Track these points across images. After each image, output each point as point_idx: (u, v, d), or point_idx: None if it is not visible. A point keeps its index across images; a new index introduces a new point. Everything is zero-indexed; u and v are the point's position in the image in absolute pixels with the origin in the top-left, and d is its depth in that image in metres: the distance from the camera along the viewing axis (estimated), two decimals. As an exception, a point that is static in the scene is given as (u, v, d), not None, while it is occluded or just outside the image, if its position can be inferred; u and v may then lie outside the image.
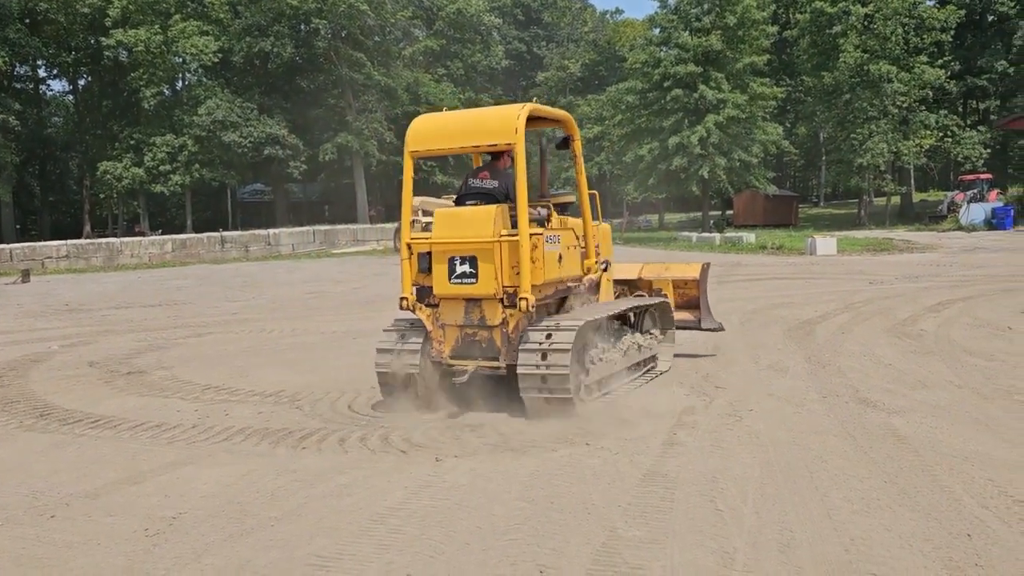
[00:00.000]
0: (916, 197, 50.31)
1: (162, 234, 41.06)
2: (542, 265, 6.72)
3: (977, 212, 36.20)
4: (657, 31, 45.52)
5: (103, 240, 34.96)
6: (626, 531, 4.23)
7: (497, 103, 62.14)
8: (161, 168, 44.27)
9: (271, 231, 37.03)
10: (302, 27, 47.94)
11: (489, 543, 4.13)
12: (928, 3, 45.39)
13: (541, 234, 6.81)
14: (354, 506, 4.75)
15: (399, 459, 5.65)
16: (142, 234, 43.79)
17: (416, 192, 7.91)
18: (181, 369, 9.73)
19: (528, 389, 6.43)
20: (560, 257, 7.20)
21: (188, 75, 49.84)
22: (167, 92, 48.93)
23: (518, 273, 6.52)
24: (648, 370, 8.29)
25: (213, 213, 55.57)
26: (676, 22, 42.72)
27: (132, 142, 45.49)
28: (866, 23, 42.16)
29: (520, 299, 6.47)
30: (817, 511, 4.43)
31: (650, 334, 8.44)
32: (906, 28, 41.65)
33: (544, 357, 6.34)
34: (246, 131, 44.11)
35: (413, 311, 7.02)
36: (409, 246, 7.17)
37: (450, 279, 6.77)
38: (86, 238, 41.33)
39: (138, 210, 50.74)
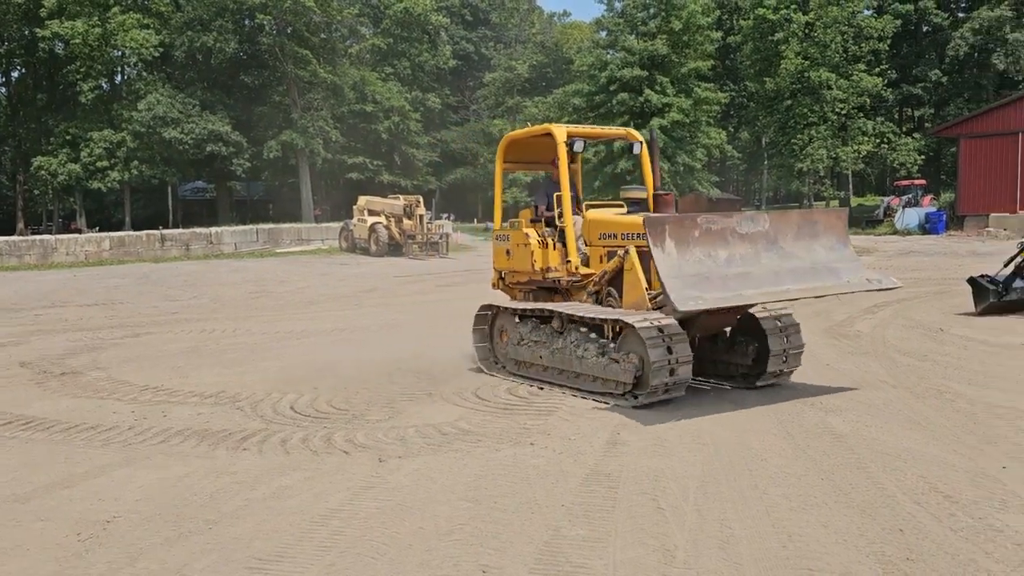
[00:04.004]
0: (854, 202, 51.60)
1: (99, 231, 39.97)
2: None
3: (911, 217, 37.29)
4: (603, 34, 45.97)
5: (37, 237, 33.89)
6: (569, 530, 4.24)
7: (444, 104, 62.17)
8: (99, 164, 43.08)
9: (213, 229, 36.32)
10: (246, 22, 47.16)
11: (432, 544, 4.11)
12: (866, 13, 46.61)
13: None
14: (295, 508, 4.68)
15: (342, 460, 5.59)
16: (78, 231, 42.57)
17: (363, 192, 8.09)
18: (117, 370, 9.48)
19: None
20: (508, 252, 8.73)
21: (127, 69, 48.66)
22: (105, 86, 47.67)
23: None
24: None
25: (153, 211, 54.28)
26: (622, 26, 43.19)
27: (68, 137, 44.16)
28: (807, 31, 43.15)
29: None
30: (756, 508, 4.50)
31: None
32: (845, 36, 42.73)
33: None
34: (188, 127, 43.17)
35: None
36: None
37: None
38: (19, 235, 40.03)
39: (74, 207, 49.36)
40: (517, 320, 8.38)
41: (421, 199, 32.89)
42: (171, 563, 4.00)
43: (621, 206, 8.61)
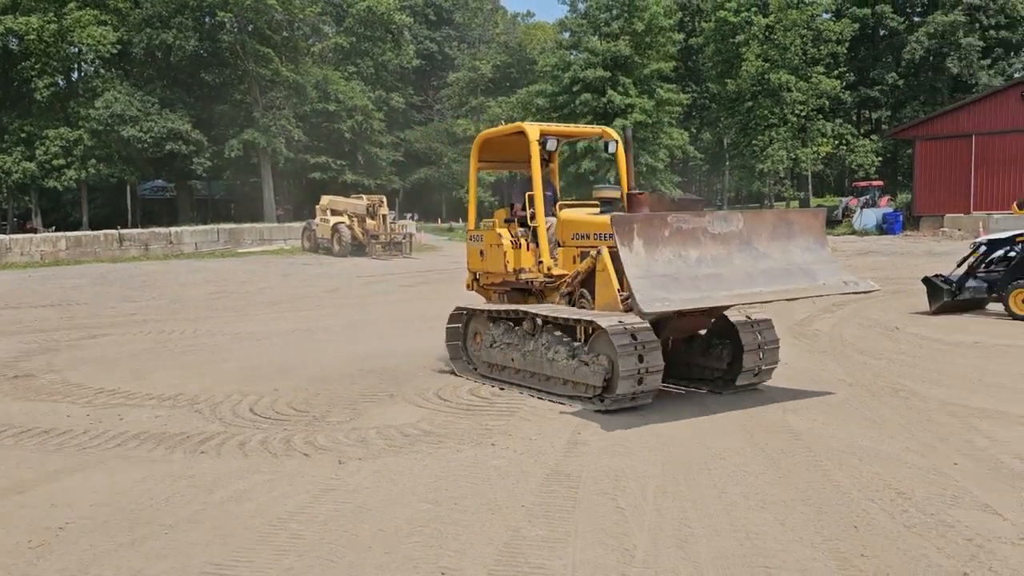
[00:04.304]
0: (813, 202, 52.34)
1: (56, 231, 39.16)
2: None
3: (869, 217, 37.95)
4: (567, 35, 46.12)
5: (-10, 237, 33.11)
6: (529, 531, 4.25)
7: (408, 103, 61.92)
8: (55, 162, 42.19)
9: (173, 229, 35.79)
10: (206, 20, 46.48)
11: (391, 546, 4.09)
12: (825, 16, 47.34)
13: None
14: (253, 511, 4.63)
15: (301, 462, 5.54)
16: (34, 231, 41.66)
17: (326, 191, 7.98)
18: (73, 372, 9.30)
19: None
20: (481, 253, 8.68)
21: (84, 66, 47.69)
22: (61, 83, 46.65)
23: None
24: None
25: (112, 210, 53.27)
26: (585, 27, 43.37)
27: (23, 135, 43.15)
28: (767, 34, 43.69)
29: None
30: (715, 507, 4.55)
31: None
32: (804, 39, 43.35)
33: None
34: (146, 126, 42.45)
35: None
36: None
37: None
38: (-29, 235, 39.07)
39: (30, 206, 48.29)
40: (490, 322, 8.25)
41: (384, 199, 32.74)
42: (125, 569, 3.93)
43: (595, 205, 8.52)
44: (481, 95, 58.68)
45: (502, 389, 7.69)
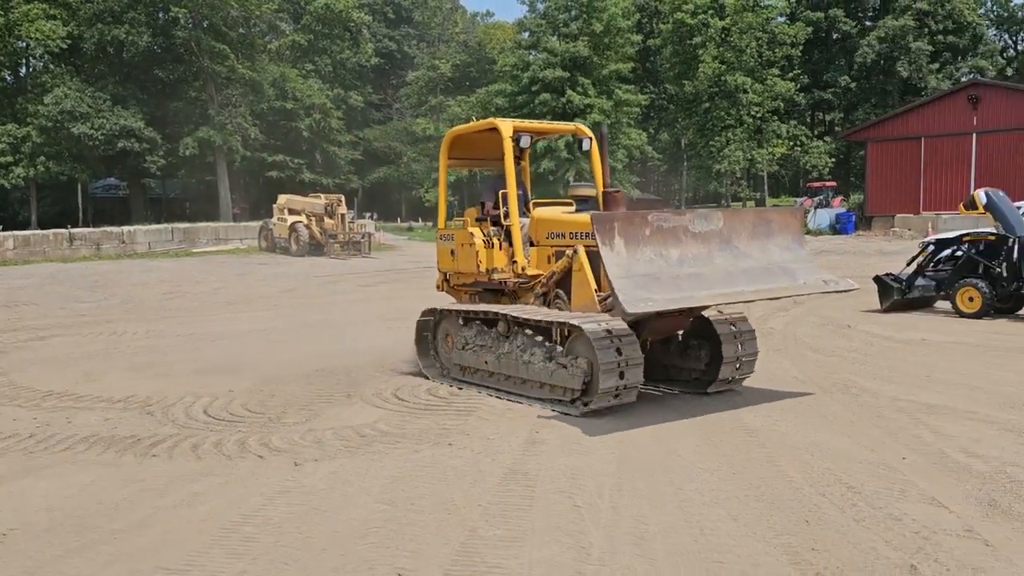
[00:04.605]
0: (769, 203, 53.15)
1: (3, 230, 38.17)
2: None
3: (823, 217, 38.64)
4: (526, 35, 46.22)
5: (-67, 236, 32.17)
6: (486, 530, 4.24)
7: (367, 102, 61.53)
8: (2, 160, 41.13)
9: (126, 228, 35.10)
10: (160, 15, 45.72)
11: (347, 548, 4.06)
12: (780, 20, 48.09)
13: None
14: (206, 515, 4.55)
15: (256, 464, 5.47)
16: (-21, 230, 40.59)
17: (283, 191, 7.77)
18: (19, 374, 9.06)
19: None
20: (452, 253, 8.50)
21: (33, 61, 46.59)
22: (9, 79, 45.56)
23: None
24: None
25: (62, 209, 52.05)
26: (544, 27, 43.53)
27: (-32, 131, 42.07)
28: (724, 36, 44.25)
29: None
30: (671, 504, 4.59)
31: None
32: (760, 42, 44.01)
33: None
34: (98, 123, 41.58)
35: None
36: None
37: None
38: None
39: (-25, 204, 47.04)
40: (461, 323, 8.02)
41: (343, 198, 32.49)
42: (72, 575, 3.85)
43: (569, 204, 8.37)
44: (440, 94, 58.56)
45: (479, 392, 7.49)
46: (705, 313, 7.20)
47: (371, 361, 9.30)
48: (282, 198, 33.66)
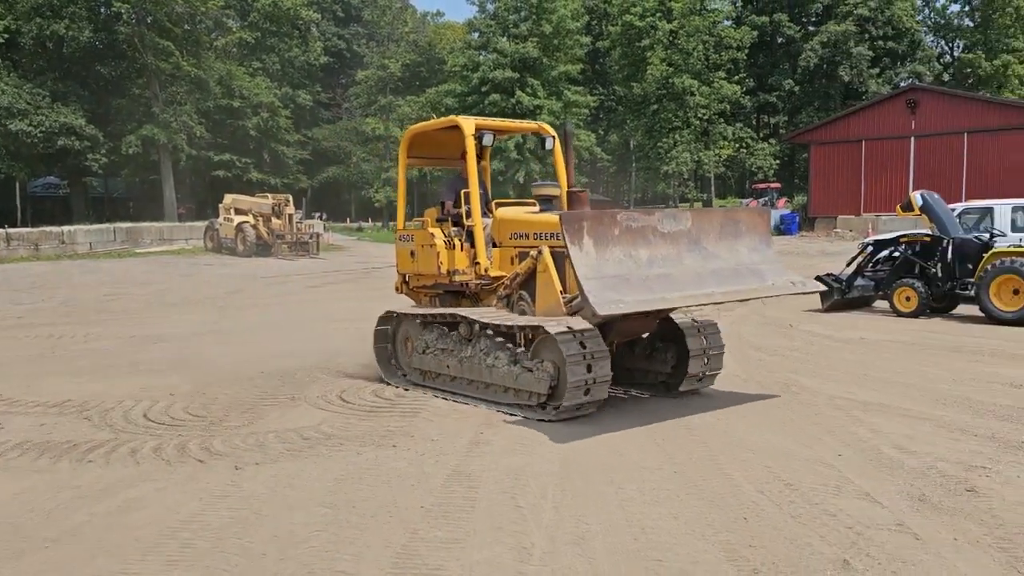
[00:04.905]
0: (716, 204, 53.95)
1: (-66, 230, 36.88)
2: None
3: (768, 218, 39.28)
4: (476, 35, 46.24)
5: None
6: (428, 532, 4.23)
7: (315, 101, 60.88)
8: (-67, 157, 39.79)
9: (66, 228, 34.16)
10: (102, 10, 44.58)
11: (287, 552, 4.02)
12: (726, 23, 48.87)
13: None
14: (142, 521, 4.46)
15: (196, 469, 5.38)
16: (-90, 230, 39.15)
17: (230, 190, 7.54)
18: (-51, 380, 8.78)
19: None
20: (412, 254, 8.25)
21: (-33, 56, 45.08)
22: (-59, 73, 44.03)
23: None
24: None
25: (-2, 208, 50.61)
26: (494, 28, 43.58)
27: (-102, 127, 40.54)
28: (671, 39, 44.80)
29: None
30: (612, 503, 4.63)
31: None
32: (706, 45, 44.67)
33: None
34: (36, 119, 40.37)
35: None
36: None
37: None
38: None
39: (-95, 203, 45.36)
40: (422, 327, 7.85)
41: (291, 198, 32.14)
42: (0, 587, 3.74)
43: (532, 204, 8.15)
44: (390, 94, 58.21)
45: (445, 398, 7.33)
46: (671, 315, 7.12)
47: (317, 363, 9.21)
48: (228, 198, 33.15)
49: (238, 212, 31.76)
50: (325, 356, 9.60)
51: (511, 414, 6.64)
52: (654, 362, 7.44)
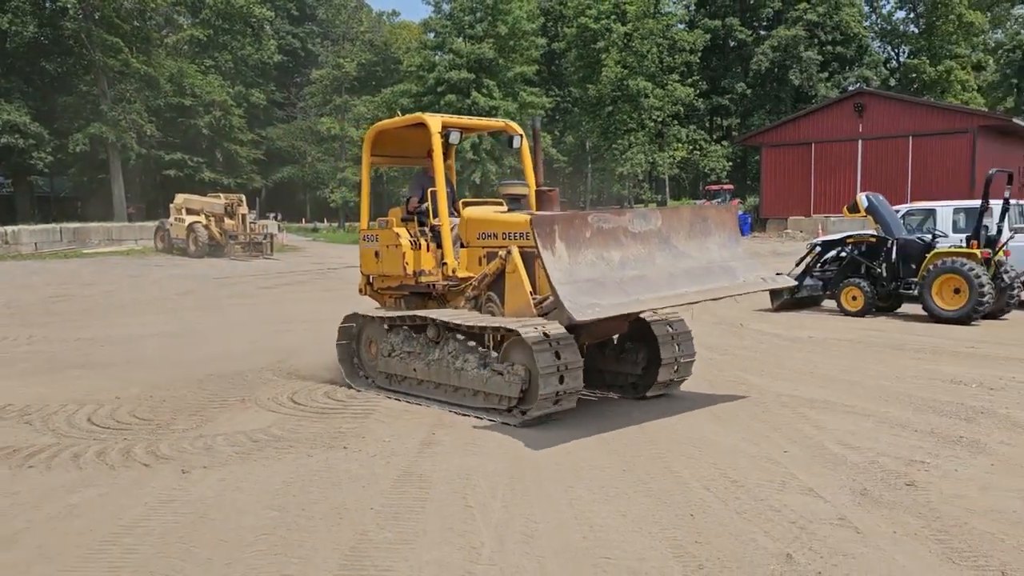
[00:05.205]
0: (670, 204, 54.52)
1: None
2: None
3: (721, 219, 39.79)
4: (432, 36, 46.11)
5: None
6: (377, 534, 4.22)
7: (269, 100, 60.13)
8: None
9: (9, 228, 33.26)
10: (47, 4, 43.50)
11: (233, 556, 3.97)
12: (679, 27, 49.44)
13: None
14: (84, 527, 4.37)
15: (141, 473, 5.28)
16: None
17: (181, 190, 7.33)
18: None
19: None
20: (376, 254, 8.07)
21: (-96, 50, 43.67)
22: None
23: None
24: None
25: (-63, 207, 49.09)
26: (450, 28, 43.49)
27: None
28: (626, 41, 45.17)
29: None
30: (562, 501, 4.66)
31: None
32: (660, 48, 45.12)
33: None
34: (-23, 116, 39.32)
35: None
36: None
37: None
38: None
39: None
40: (387, 329, 7.67)
41: (243, 198, 31.75)
42: (-66, 597, 3.64)
43: (499, 203, 7.98)
44: (346, 93, 57.72)
45: (411, 401, 7.22)
46: (641, 314, 6.97)
47: (269, 364, 9.12)
48: (179, 197, 32.62)
49: (189, 212, 31.27)
50: (277, 358, 9.50)
51: (464, 414, 6.64)
52: (624, 363, 7.37)
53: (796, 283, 12.82)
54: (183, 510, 4.60)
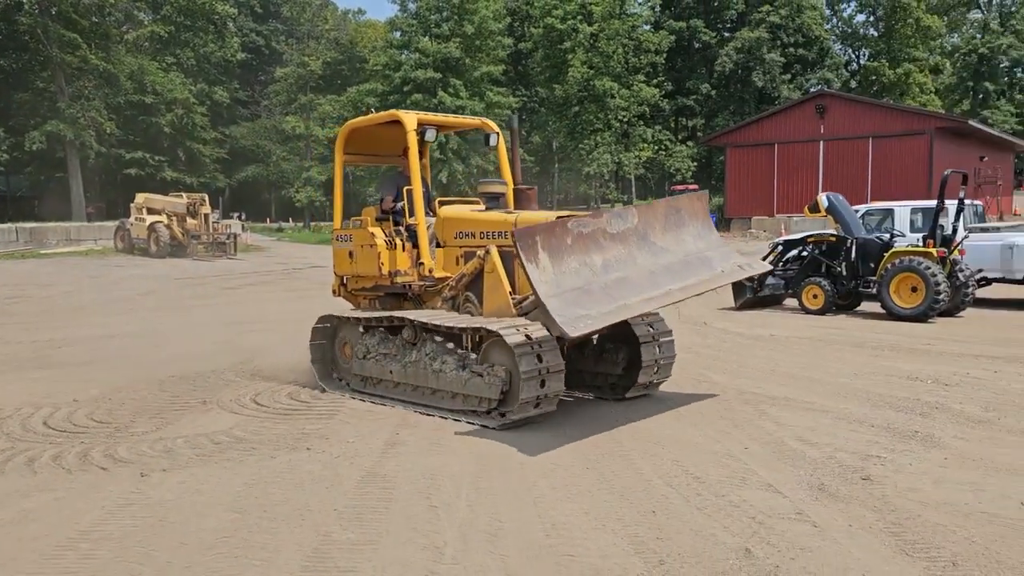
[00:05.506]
0: (635, 204, 54.82)
1: None
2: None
3: (686, 219, 40.12)
4: (397, 34, 45.92)
5: None
6: (340, 534, 4.20)
7: (233, 98, 59.46)
8: None
9: (-37, 228, 32.59)
10: None
11: (194, 559, 3.93)
12: (645, 28, 49.77)
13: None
14: (39, 533, 4.30)
15: (98, 477, 5.20)
16: None
17: (143, 189, 7.18)
18: None
19: None
20: (351, 254, 7.94)
21: None
22: None
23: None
24: None
25: None
26: (416, 27, 43.34)
27: None
28: (592, 41, 45.37)
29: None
30: (525, 500, 4.67)
31: None
32: (626, 49, 45.39)
33: None
34: (-69, 113, 38.41)
35: None
36: None
37: None
38: None
39: None
40: (362, 331, 7.56)
41: (206, 197, 31.37)
42: None
43: (476, 202, 7.92)
44: (311, 92, 57.25)
45: (394, 405, 7.06)
46: None
47: (232, 365, 9.03)
48: (141, 196, 32.13)
49: (151, 211, 30.83)
50: (240, 359, 9.40)
51: (439, 416, 6.59)
52: (604, 364, 7.29)
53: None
54: (142, 514, 4.54)
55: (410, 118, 7.51)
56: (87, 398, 7.53)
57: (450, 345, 6.60)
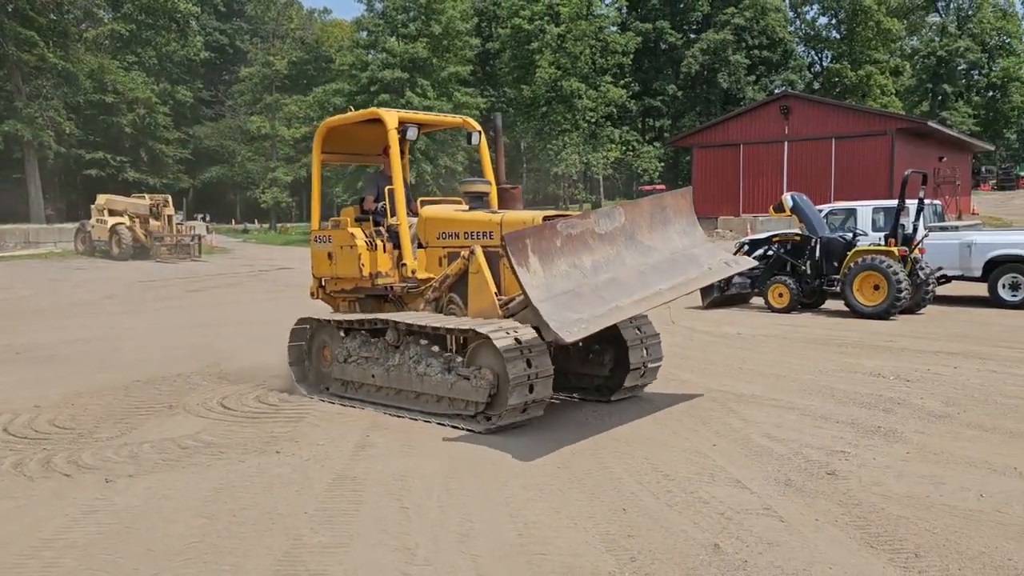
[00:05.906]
0: (605, 204, 55.12)
1: None
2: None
3: (653, 219, 40.41)
4: (364, 34, 45.69)
5: None
6: (311, 538, 4.17)
7: (197, 98, 58.76)
8: None
9: (-83, 231, 31.87)
10: (-44, -4, 41.69)
11: (161, 566, 3.88)
12: (612, 29, 50.04)
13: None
14: (0, 541, 4.22)
15: (62, 484, 5.11)
16: None
17: (104, 190, 7.04)
18: None
19: None
20: (330, 256, 7.81)
21: None
22: None
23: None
24: None
25: None
26: (383, 27, 43.15)
27: None
28: (559, 42, 45.51)
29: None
30: (497, 500, 4.68)
31: None
32: (593, 49, 45.59)
33: None
34: None
35: None
36: None
37: None
38: None
39: None
40: (342, 334, 7.39)
41: (169, 198, 31.01)
42: None
43: (459, 202, 7.78)
44: (276, 92, 56.75)
45: (364, 407, 6.97)
46: None
47: (198, 369, 8.93)
48: (102, 198, 31.65)
49: (112, 213, 30.38)
50: (206, 362, 9.30)
51: (398, 416, 6.58)
52: (591, 365, 7.19)
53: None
54: (107, 520, 4.47)
55: (391, 116, 7.37)
56: (49, 404, 7.40)
57: (435, 348, 6.48)
